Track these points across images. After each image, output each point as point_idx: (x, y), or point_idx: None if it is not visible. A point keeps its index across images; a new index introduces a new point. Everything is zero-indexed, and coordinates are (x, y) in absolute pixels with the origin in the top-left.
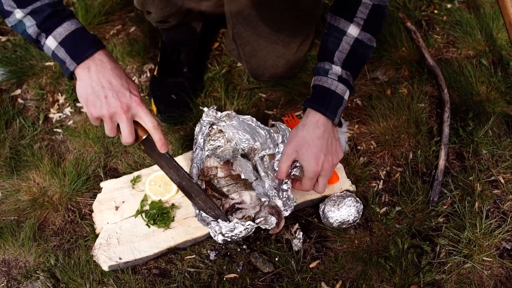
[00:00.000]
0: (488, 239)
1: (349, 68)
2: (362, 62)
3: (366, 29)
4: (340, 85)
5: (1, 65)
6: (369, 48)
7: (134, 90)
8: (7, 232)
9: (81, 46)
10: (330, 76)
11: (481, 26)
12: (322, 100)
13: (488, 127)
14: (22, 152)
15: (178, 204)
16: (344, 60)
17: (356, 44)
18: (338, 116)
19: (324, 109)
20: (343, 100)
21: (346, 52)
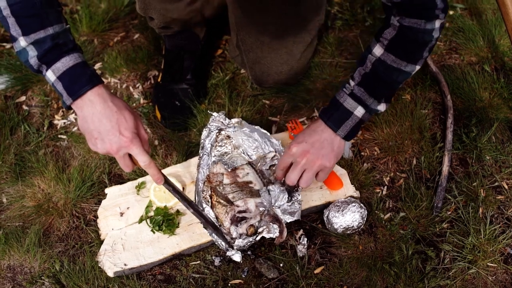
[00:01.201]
0: (493, 244)
1: (364, 85)
2: (384, 83)
3: (389, 50)
4: (349, 99)
5: (6, 72)
6: (394, 70)
7: (125, 130)
8: (12, 238)
9: (77, 83)
10: (344, 89)
11: (484, 32)
12: (328, 110)
13: (491, 133)
14: (27, 158)
15: (183, 210)
16: (362, 77)
17: (377, 64)
18: (344, 130)
19: (326, 118)
20: (352, 115)
21: (367, 70)
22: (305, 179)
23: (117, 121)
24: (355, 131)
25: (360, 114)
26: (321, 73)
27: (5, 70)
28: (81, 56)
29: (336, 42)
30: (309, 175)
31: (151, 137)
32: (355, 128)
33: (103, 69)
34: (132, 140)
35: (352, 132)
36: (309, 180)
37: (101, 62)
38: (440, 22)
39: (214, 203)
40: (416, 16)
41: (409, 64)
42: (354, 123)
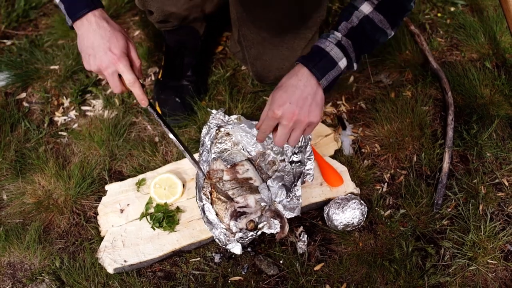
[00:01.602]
0: (493, 241)
1: (351, 38)
2: (369, 40)
3: (379, 9)
4: (336, 48)
5: (6, 69)
6: (379, 30)
7: (115, 48)
8: (13, 234)
9: (77, 6)
10: (329, 38)
11: (485, 29)
12: (313, 57)
13: (492, 129)
14: (27, 155)
15: (183, 207)
16: (348, 30)
17: (365, 20)
18: (327, 80)
19: (311, 65)
20: (336, 66)
21: (353, 24)
22: (294, 138)
23: (109, 40)
24: (333, 84)
25: (343, 66)
26: None
27: (6, 67)
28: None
29: None
30: (298, 134)
31: (151, 133)
32: (334, 80)
33: None
34: (120, 58)
35: (331, 84)
36: (298, 139)
37: None
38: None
39: (214, 200)
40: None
41: (390, 28)
42: (336, 74)
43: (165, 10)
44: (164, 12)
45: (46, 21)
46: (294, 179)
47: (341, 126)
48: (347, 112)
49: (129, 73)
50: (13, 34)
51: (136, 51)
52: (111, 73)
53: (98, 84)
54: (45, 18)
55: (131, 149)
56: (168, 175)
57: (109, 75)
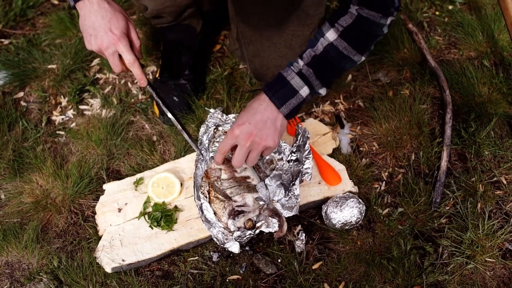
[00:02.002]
0: (491, 240)
1: (313, 67)
2: (332, 67)
3: (343, 37)
4: (296, 77)
5: (4, 68)
6: (343, 58)
7: (115, 28)
8: (10, 234)
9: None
10: (292, 67)
11: (483, 27)
12: (274, 86)
13: (490, 128)
14: (25, 154)
15: (181, 206)
16: (312, 58)
17: (329, 48)
18: (288, 108)
19: (271, 93)
20: (297, 94)
21: (317, 52)
22: (251, 159)
23: (110, 20)
24: (296, 111)
25: (305, 94)
26: None
27: (3, 66)
28: None
29: None
30: (255, 155)
31: (149, 133)
32: (297, 108)
33: (102, 64)
34: (120, 38)
35: (293, 111)
36: (255, 159)
37: (99, 58)
38: (391, 19)
39: (212, 199)
40: (375, 10)
41: (358, 54)
42: (298, 102)
43: (158, 3)
44: (157, 6)
45: (44, 20)
46: (292, 178)
47: (339, 125)
48: (345, 110)
49: (129, 53)
50: (11, 33)
51: (136, 32)
52: (112, 53)
53: (96, 83)
54: (42, 17)
55: (129, 148)
56: (166, 174)
57: (110, 55)
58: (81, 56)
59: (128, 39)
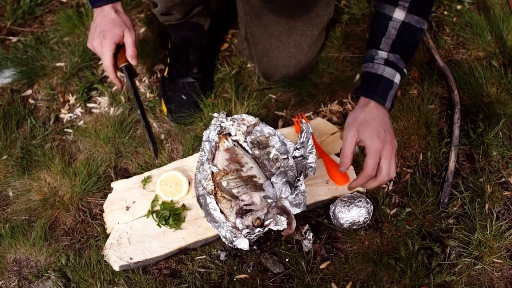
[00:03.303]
0: (499, 240)
1: (397, 52)
2: (411, 45)
3: (412, 11)
4: (387, 68)
5: (12, 66)
6: (418, 31)
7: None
8: (19, 231)
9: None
10: (376, 61)
11: (491, 27)
12: (370, 86)
13: (498, 128)
14: (33, 152)
15: (189, 204)
16: (391, 45)
17: (403, 28)
18: (390, 100)
19: (372, 94)
20: (393, 84)
21: (393, 37)
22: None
23: (106, 26)
24: (394, 100)
25: (398, 80)
26: (327, 67)
27: (12, 63)
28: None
29: (343, 37)
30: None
31: (157, 131)
32: (395, 97)
33: None
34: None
35: (394, 101)
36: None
37: None
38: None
39: (219, 198)
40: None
41: (426, 22)
42: (395, 91)
43: (168, 1)
44: (167, 3)
45: (52, 18)
46: (297, 174)
47: None
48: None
49: (105, 58)
50: (19, 31)
51: (133, 40)
52: (99, 52)
53: (104, 81)
54: (50, 15)
55: (137, 147)
56: (174, 173)
57: (98, 53)
58: (89, 54)
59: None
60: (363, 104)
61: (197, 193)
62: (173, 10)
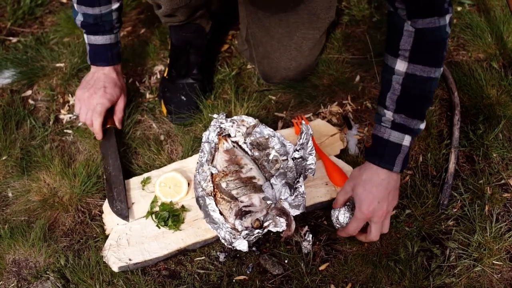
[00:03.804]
0: (498, 242)
1: (403, 111)
2: (420, 98)
3: (414, 60)
4: (393, 132)
5: (12, 66)
6: (425, 81)
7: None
8: (18, 232)
9: (97, 57)
10: (383, 124)
11: (492, 29)
12: (377, 151)
13: (498, 130)
14: (32, 152)
15: (188, 206)
16: (397, 102)
17: (407, 81)
18: (399, 164)
19: (378, 161)
20: (401, 147)
21: (398, 93)
22: (386, 227)
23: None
24: (407, 161)
25: (408, 142)
26: (327, 69)
27: (11, 64)
28: (112, 38)
29: (343, 38)
30: (387, 222)
31: (156, 132)
32: (407, 158)
33: None
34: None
35: (405, 162)
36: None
37: None
38: (450, 16)
39: (218, 200)
40: (429, 15)
41: (437, 69)
42: (405, 153)
43: (173, 2)
44: (172, 5)
45: (52, 18)
46: (296, 175)
47: (347, 126)
48: (353, 111)
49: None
50: (19, 32)
51: (124, 107)
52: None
53: None
54: (50, 16)
55: (136, 148)
56: (173, 174)
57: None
58: None
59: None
60: (371, 169)
61: (197, 194)
62: (177, 12)
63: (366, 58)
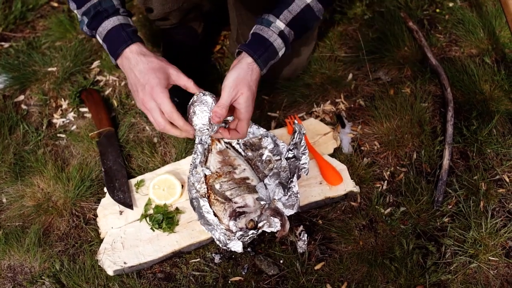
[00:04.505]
0: (494, 238)
1: (293, 28)
2: (305, 28)
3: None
4: (278, 39)
5: (4, 72)
6: (315, 19)
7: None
8: (12, 238)
9: (115, 44)
10: (271, 28)
11: (484, 24)
12: (258, 48)
13: (492, 125)
14: (26, 157)
15: (182, 208)
16: (290, 20)
17: (306, 9)
18: (267, 68)
19: (257, 56)
20: (277, 56)
21: (294, 13)
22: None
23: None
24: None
25: (281, 54)
26: (320, 67)
27: (3, 69)
28: (120, 18)
29: (335, 36)
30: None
31: (150, 134)
32: (270, 67)
33: (101, 67)
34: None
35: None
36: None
37: (99, 60)
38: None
39: (212, 201)
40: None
41: (324, 12)
42: (274, 62)
43: (165, 7)
44: (165, 9)
45: (44, 23)
46: (290, 175)
47: (340, 124)
48: (346, 110)
49: (166, 105)
50: (11, 37)
51: (180, 74)
52: (150, 109)
53: (96, 85)
54: (42, 20)
55: (129, 150)
56: (167, 176)
57: (149, 111)
58: (81, 58)
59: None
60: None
61: (190, 196)
62: (170, 16)
63: (358, 56)
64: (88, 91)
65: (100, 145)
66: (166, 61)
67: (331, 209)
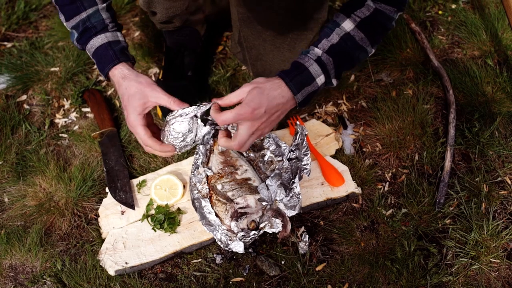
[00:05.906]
0: (495, 240)
1: (332, 55)
2: (348, 58)
3: (360, 27)
4: (315, 64)
5: (7, 71)
6: (359, 48)
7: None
8: (14, 237)
9: (102, 63)
10: (308, 55)
11: (486, 26)
12: (291, 72)
13: (494, 127)
14: (28, 157)
15: (184, 208)
16: (328, 47)
17: (346, 38)
18: (303, 95)
19: (288, 79)
20: (314, 82)
21: (333, 41)
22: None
23: (127, 100)
24: (309, 100)
25: (320, 82)
26: None
27: (6, 69)
28: (108, 36)
29: None
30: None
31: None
32: (310, 96)
33: None
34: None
35: (307, 99)
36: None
37: None
38: (399, 14)
39: (214, 202)
40: (391, 4)
41: (371, 46)
42: (312, 90)
43: (169, 10)
44: (169, 13)
45: (46, 23)
46: (292, 176)
47: (342, 126)
48: (348, 111)
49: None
50: (14, 36)
51: (160, 94)
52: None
53: (98, 85)
54: (45, 20)
55: (131, 151)
56: (169, 176)
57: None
58: (83, 58)
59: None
60: (275, 81)
61: (192, 197)
62: (174, 19)
63: None
64: (90, 91)
65: (102, 145)
66: (148, 81)
67: (332, 210)
